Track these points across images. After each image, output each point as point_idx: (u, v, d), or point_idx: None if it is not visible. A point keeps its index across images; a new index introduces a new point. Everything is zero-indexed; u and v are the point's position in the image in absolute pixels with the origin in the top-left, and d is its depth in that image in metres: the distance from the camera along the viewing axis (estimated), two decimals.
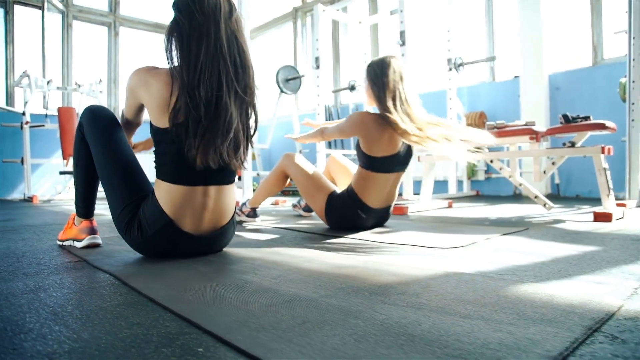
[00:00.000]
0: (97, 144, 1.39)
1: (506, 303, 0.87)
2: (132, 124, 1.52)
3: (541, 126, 3.23)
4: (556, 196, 4.10)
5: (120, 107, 6.32)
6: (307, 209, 2.70)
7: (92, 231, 1.58)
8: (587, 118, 2.41)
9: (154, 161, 1.35)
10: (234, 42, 1.29)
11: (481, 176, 4.67)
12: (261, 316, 0.79)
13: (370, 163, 1.90)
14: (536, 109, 4.24)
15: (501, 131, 2.56)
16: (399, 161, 1.94)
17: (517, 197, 4.27)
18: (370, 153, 1.88)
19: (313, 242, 1.69)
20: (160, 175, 1.32)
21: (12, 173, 5.30)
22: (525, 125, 2.62)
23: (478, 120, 4.47)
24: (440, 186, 4.66)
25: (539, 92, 4.25)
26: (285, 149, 6.05)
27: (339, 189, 2.12)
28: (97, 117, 1.43)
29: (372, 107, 2.07)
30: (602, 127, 2.31)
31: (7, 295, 0.96)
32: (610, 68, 3.92)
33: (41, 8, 5.19)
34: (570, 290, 0.96)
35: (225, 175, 1.37)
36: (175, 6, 1.28)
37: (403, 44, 3.76)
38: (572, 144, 2.42)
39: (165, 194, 1.29)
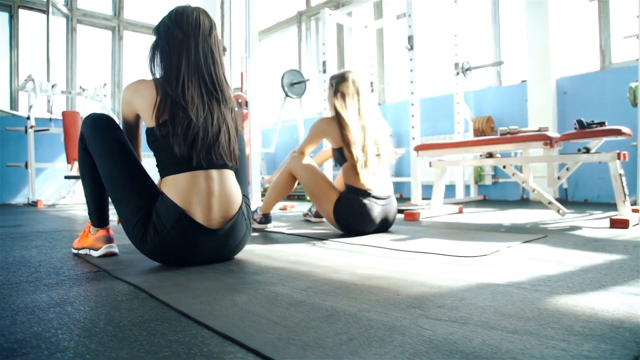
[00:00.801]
0: (100, 156, 1.38)
1: (549, 317, 0.85)
2: (134, 135, 1.53)
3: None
4: (564, 201, 4.08)
5: None
6: (318, 215, 2.68)
7: (109, 240, 1.56)
8: (602, 124, 2.39)
9: (156, 165, 1.39)
10: (209, 57, 1.41)
11: (488, 181, 4.65)
12: (303, 333, 0.76)
13: (343, 155, 2.07)
14: (544, 114, 4.23)
15: (514, 137, 2.54)
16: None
17: (525, 201, 4.25)
18: (339, 146, 2.08)
19: (332, 250, 1.67)
20: (163, 172, 1.37)
21: (15, 177, 5.27)
22: (539, 130, 2.60)
23: (485, 125, 4.46)
24: (447, 190, 4.63)
25: (546, 97, 4.24)
26: (289, 153, 6.03)
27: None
28: (98, 126, 1.41)
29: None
30: (619, 133, 2.29)
31: (34, 309, 0.93)
32: (618, 72, 3.91)
33: (46, 12, 5.17)
34: (610, 302, 0.94)
35: (219, 156, 1.39)
36: (156, 30, 1.43)
37: (411, 48, 3.75)
38: (587, 150, 2.40)
39: (172, 186, 1.32)
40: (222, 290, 1.06)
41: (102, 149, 1.38)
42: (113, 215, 1.63)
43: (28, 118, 4.77)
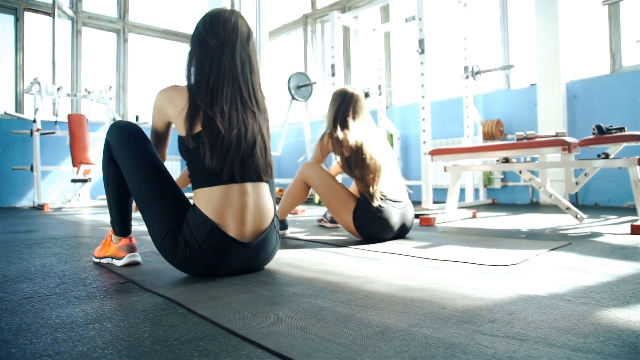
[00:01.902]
0: (129, 168, 1.34)
1: (607, 332, 0.83)
2: (162, 142, 1.50)
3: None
4: (575, 205, 4.06)
5: (129, 114, 6.27)
6: (333, 221, 2.65)
7: (132, 249, 1.53)
8: (621, 129, 2.37)
9: (189, 176, 1.35)
10: (247, 65, 1.35)
11: (497, 184, 4.63)
12: (362, 352, 0.73)
13: (349, 163, 2.07)
14: (554, 117, 4.21)
15: (532, 142, 2.52)
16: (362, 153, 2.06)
17: (535, 205, 4.23)
18: (346, 155, 2.08)
19: (357, 258, 1.64)
20: (196, 184, 1.32)
21: (21, 180, 5.23)
22: (556, 135, 2.58)
23: (495, 129, 4.44)
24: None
25: (556, 100, 4.22)
26: (296, 155, 6.00)
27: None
28: (126, 137, 1.37)
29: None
30: (639, 139, 2.27)
31: (72, 326, 0.90)
32: (629, 76, 3.89)
33: (51, 15, 5.14)
34: None
35: (257, 170, 1.36)
36: (191, 39, 1.38)
37: (422, 52, 3.73)
38: (606, 155, 2.38)
39: (205, 198, 1.28)
40: (261, 303, 1.03)
41: (130, 160, 1.34)
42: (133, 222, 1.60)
43: (34, 121, 4.73)
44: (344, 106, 2.18)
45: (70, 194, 5.14)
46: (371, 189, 2.00)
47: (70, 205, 4.83)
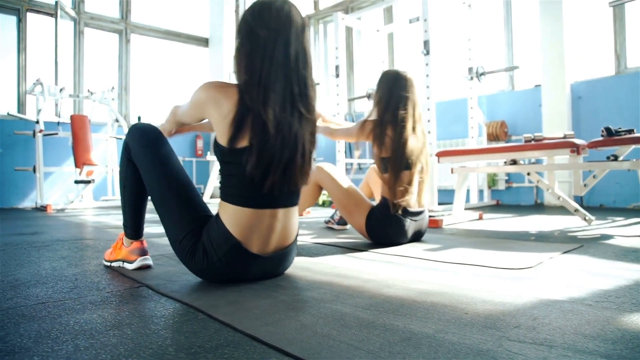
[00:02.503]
0: (149, 168, 1.33)
1: (635, 339, 0.82)
2: (184, 127, 1.47)
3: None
4: (580, 206, 4.05)
5: (131, 115, 6.24)
6: (341, 222, 2.64)
7: (143, 252, 1.52)
8: (630, 131, 2.36)
9: (220, 182, 1.29)
10: (302, 59, 1.23)
11: (502, 185, 4.62)
12: (391, 359, 0.72)
13: (385, 165, 1.94)
14: (558, 119, 4.21)
15: (541, 144, 2.51)
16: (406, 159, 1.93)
17: (540, 207, 4.23)
18: (387, 156, 1.92)
19: (370, 261, 1.63)
20: (226, 197, 1.26)
21: (23, 181, 5.21)
22: (564, 137, 2.58)
23: (499, 130, 4.43)
24: None
25: (560, 102, 4.22)
26: None
27: (376, 202, 2.08)
28: (146, 139, 1.36)
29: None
30: None
31: (92, 332, 0.89)
32: (634, 77, 3.89)
33: (54, 15, 5.12)
34: None
35: (293, 196, 1.32)
36: (237, 31, 1.25)
37: (427, 53, 3.72)
38: (615, 157, 2.38)
39: (232, 216, 1.23)
40: (281, 309, 1.02)
41: (150, 162, 1.32)
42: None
43: (37, 122, 4.71)
44: (397, 93, 1.95)
45: (73, 195, 5.12)
46: (398, 201, 1.91)
47: (73, 207, 4.81)
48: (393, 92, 1.97)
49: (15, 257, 1.82)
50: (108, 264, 1.58)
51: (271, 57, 1.17)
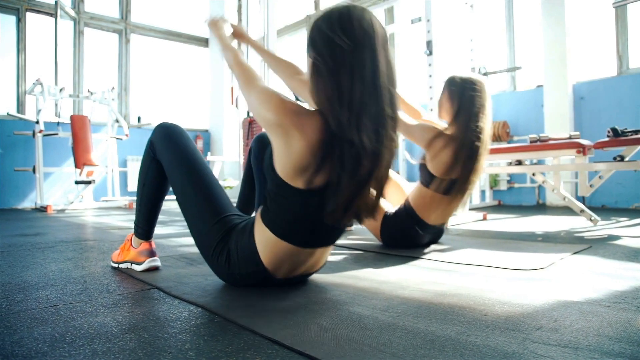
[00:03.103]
0: (174, 163, 1.30)
1: None
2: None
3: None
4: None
5: (131, 115, 6.22)
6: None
7: (152, 254, 1.50)
8: (637, 132, 2.36)
9: (266, 203, 1.14)
10: (390, 74, 1.04)
11: (503, 186, 4.62)
12: None
13: (432, 182, 1.79)
14: (560, 119, 4.21)
15: (547, 144, 2.51)
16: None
17: (542, 207, 4.23)
18: (436, 173, 1.78)
19: (382, 262, 1.62)
20: (268, 222, 1.12)
21: (23, 181, 5.19)
22: (570, 138, 2.57)
23: (501, 130, 4.43)
24: None
25: (563, 102, 4.22)
26: None
27: (391, 205, 2.05)
28: (173, 136, 1.33)
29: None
30: None
31: (108, 336, 0.87)
32: (636, 78, 3.90)
33: (54, 15, 5.10)
34: None
35: (338, 235, 1.21)
36: (310, 44, 1.05)
37: (430, 53, 3.72)
38: (622, 158, 2.37)
39: (268, 244, 1.13)
40: (299, 311, 1.00)
41: (175, 159, 1.30)
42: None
43: (37, 122, 4.69)
44: (475, 109, 1.73)
45: (73, 195, 5.09)
46: (425, 219, 1.84)
47: (74, 207, 4.78)
48: (471, 107, 1.74)
49: (20, 258, 1.80)
50: (116, 265, 1.57)
51: (361, 74, 0.99)
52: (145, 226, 1.46)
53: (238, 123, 5.04)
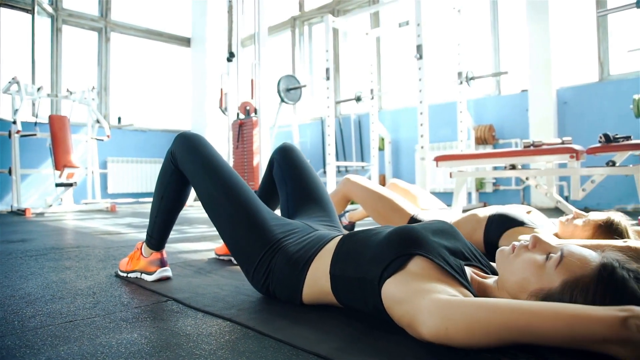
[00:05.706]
0: (199, 173, 1.24)
1: None
2: None
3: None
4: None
5: (111, 115, 6.05)
6: (348, 227, 2.62)
7: (163, 263, 1.45)
8: (628, 138, 2.43)
9: (332, 263, 1.04)
10: None
11: (489, 188, 4.70)
12: None
13: None
14: (545, 123, 4.31)
15: (540, 149, 2.56)
16: None
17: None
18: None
19: None
20: (335, 287, 1.03)
21: None
22: (562, 143, 2.63)
23: (487, 134, 4.51)
24: (449, 197, 4.66)
25: (547, 106, 4.32)
26: None
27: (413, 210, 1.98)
28: (198, 147, 1.27)
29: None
30: None
31: (142, 355, 0.83)
32: (617, 84, 4.03)
33: (31, 12, 4.92)
34: None
35: None
36: None
37: (420, 57, 3.75)
38: (613, 163, 2.44)
39: (316, 291, 1.07)
40: (339, 322, 0.97)
41: (200, 167, 1.24)
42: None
43: (14, 122, 4.50)
44: None
45: (51, 198, 4.91)
46: None
47: (53, 210, 4.62)
48: None
49: (14, 267, 1.72)
50: (124, 274, 1.51)
51: None
52: (158, 237, 1.42)
53: (227, 125, 4.97)
